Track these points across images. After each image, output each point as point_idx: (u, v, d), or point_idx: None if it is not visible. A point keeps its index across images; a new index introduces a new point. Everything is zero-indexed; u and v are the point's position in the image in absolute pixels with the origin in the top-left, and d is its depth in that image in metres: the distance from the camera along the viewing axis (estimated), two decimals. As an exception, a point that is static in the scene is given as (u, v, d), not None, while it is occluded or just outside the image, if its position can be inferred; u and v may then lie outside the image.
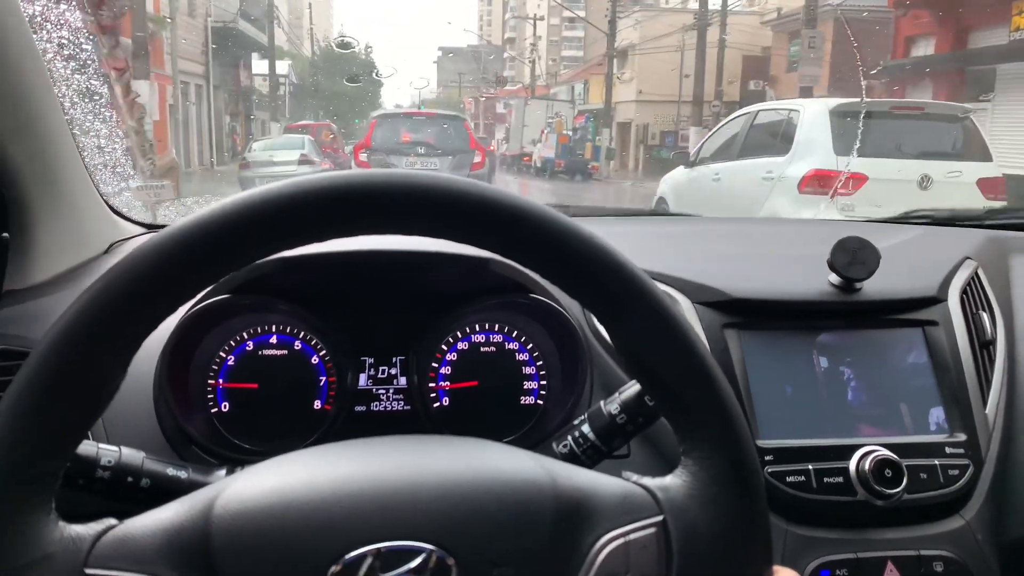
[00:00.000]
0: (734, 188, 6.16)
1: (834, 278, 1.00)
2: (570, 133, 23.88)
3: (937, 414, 0.97)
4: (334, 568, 0.48)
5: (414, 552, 0.49)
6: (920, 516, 0.91)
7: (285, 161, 12.29)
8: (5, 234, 0.93)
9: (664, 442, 0.93)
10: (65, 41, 1.03)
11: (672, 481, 0.55)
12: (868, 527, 0.90)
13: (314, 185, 0.50)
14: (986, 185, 5.46)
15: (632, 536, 0.51)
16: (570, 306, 1.00)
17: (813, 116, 5.70)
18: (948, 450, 0.93)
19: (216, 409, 0.97)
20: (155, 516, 0.51)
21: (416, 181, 0.51)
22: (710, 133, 7.72)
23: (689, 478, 0.54)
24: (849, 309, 1.01)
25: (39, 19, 0.98)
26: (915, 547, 0.89)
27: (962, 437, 0.95)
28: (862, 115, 5.24)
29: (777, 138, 6.03)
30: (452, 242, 0.54)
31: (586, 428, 0.75)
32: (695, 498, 0.53)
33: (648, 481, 0.55)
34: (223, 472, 0.76)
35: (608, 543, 0.51)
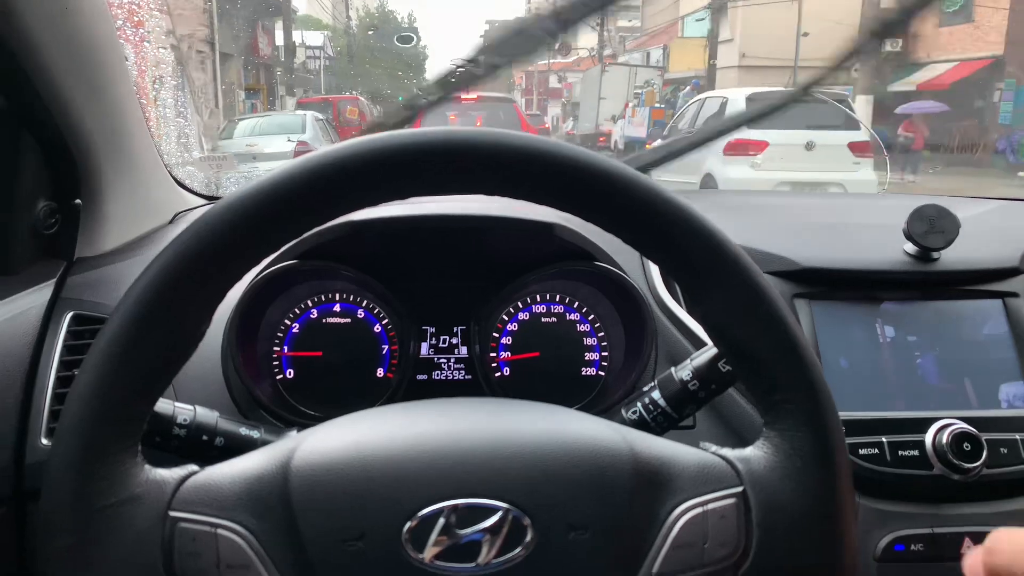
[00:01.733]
0: (691, 155, 8.28)
1: (910, 247, 0.97)
2: (662, 106, 18.82)
3: (1017, 387, 0.93)
4: (410, 523, 0.48)
5: (490, 510, 0.49)
6: (999, 492, 0.88)
7: (270, 154, 8.26)
8: (78, 201, 0.94)
9: (731, 415, 0.91)
10: (136, 6, 1.04)
11: (753, 453, 0.54)
12: (944, 502, 0.87)
13: (407, 141, 0.50)
14: (854, 146, 7.68)
15: (711, 506, 0.51)
16: (635, 276, 0.99)
17: (735, 101, 8.04)
18: None
19: (281, 376, 0.98)
20: (236, 464, 0.52)
21: (526, 144, 0.51)
22: (677, 112, 10.09)
23: (772, 450, 0.54)
24: (925, 279, 0.98)
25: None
26: (994, 523, 0.86)
27: None
28: (764, 99, 7.34)
29: (714, 117, 8.26)
30: (516, 205, 0.54)
31: (656, 395, 0.74)
32: (777, 471, 0.53)
33: (728, 452, 0.55)
34: (295, 432, 0.77)
35: (686, 512, 0.51)
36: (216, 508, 0.49)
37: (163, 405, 0.69)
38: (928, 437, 0.86)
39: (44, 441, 0.80)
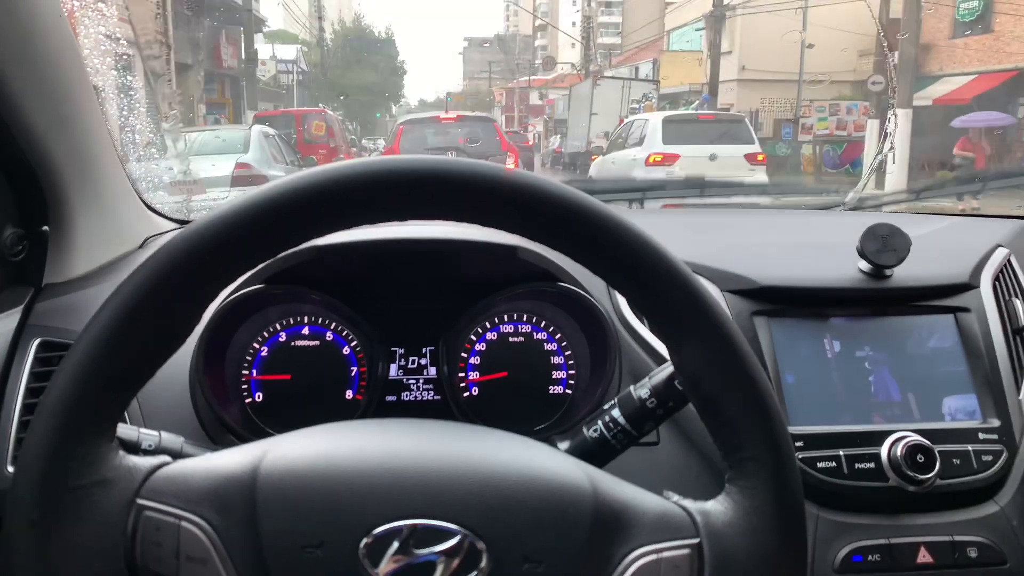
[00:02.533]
0: (620, 168, 10.83)
1: (864, 265, 1.00)
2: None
3: (969, 400, 0.96)
4: (367, 539, 0.49)
5: (448, 534, 0.49)
6: (953, 502, 0.90)
7: (206, 179, 5.19)
8: (45, 227, 0.95)
9: (695, 431, 0.93)
10: (102, 37, 1.05)
11: (713, 507, 0.55)
12: (900, 513, 0.89)
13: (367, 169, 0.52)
14: (749, 157, 10.13)
15: (665, 554, 0.51)
16: (598, 295, 1.01)
17: (654, 122, 10.89)
18: (981, 436, 0.92)
19: (250, 399, 0.98)
20: (208, 460, 0.53)
21: (503, 178, 0.52)
22: (615, 133, 12.93)
23: (732, 506, 0.55)
24: (879, 296, 1.00)
25: (77, 15, 0.99)
26: (948, 533, 0.89)
27: (996, 423, 0.94)
28: (680, 121, 11.16)
29: (638, 136, 11.10)
30: (480, 229, 0.55)
31: (616, 413, 0.75)
32: (734, 527, 0.53)
33: (689, 503, 0.55)
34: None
35: (640, 557, 0.51)
36: (183, 500, 0.50)
37: (127, 431, 0.70)
38: (883, 450, 0.89)
39: (10, 469, 0.80)
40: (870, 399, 0.95)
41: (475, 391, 1.03)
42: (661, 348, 0.96)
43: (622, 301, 1.04)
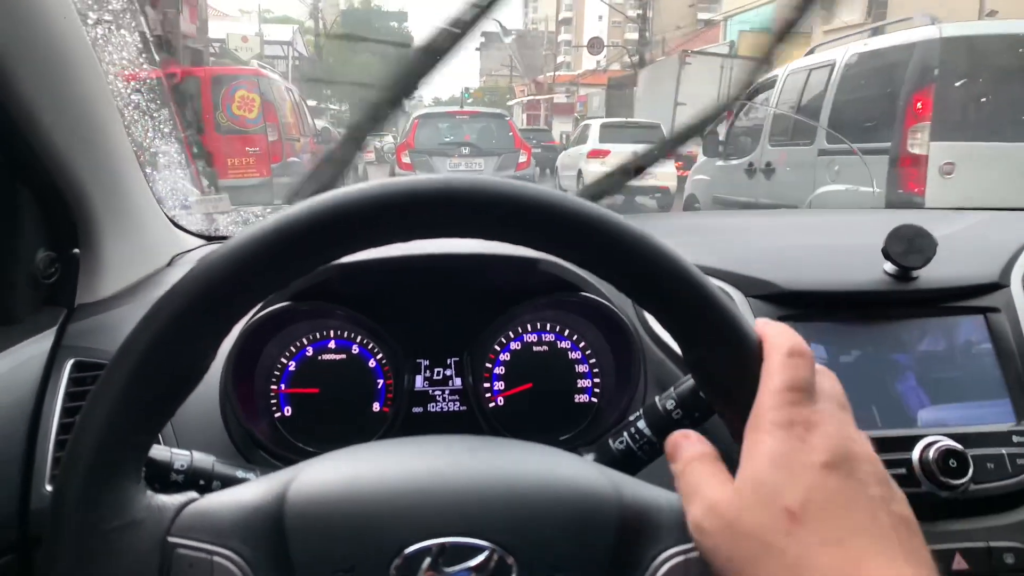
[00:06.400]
0: (573, 160, 13.30)
1: (889, 267, 0.99)
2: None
3: (1002, 403, 0.94)
4: (398, 560, 0.49)
5: (476, 550, 0.50)
6: (988, 507, 0.89)
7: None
8: (76, 250, 0.97)
9: (718, 439, 0.93)
10: (125, 61, 1.07)
11: None
12: (934, 519, 0.88)
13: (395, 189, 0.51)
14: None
15: (693, 554, 0.51)
16: (622, 304, 1.00)
17: (594, 126, 13.22)
18: (1015, 439, 0.91)
19: (279, 414, 1.00)
20: (234, 493, 0.54)
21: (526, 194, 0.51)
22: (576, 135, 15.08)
23: None
24: (906, 298, 0.99)
25: (100, 41, 1.01)
26: (984, 539, 0.87)
27: None
28: (611, 126, 13.03)
29: (584, 135, 13.50)
30: (503, 244, 0.55)
31: (642, 424, 0.75)
32: None
33: None
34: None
35: (669, 559, 0.52)
36: (213, 535, 0.51)
37: (160, 452, 0.71)
38: (915, 455, 0.88)
39: (48, 488, 0.82)
40: (899, 404, 0.94)
41: (501, 401, 1.03)
42: None
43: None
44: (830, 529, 0.44)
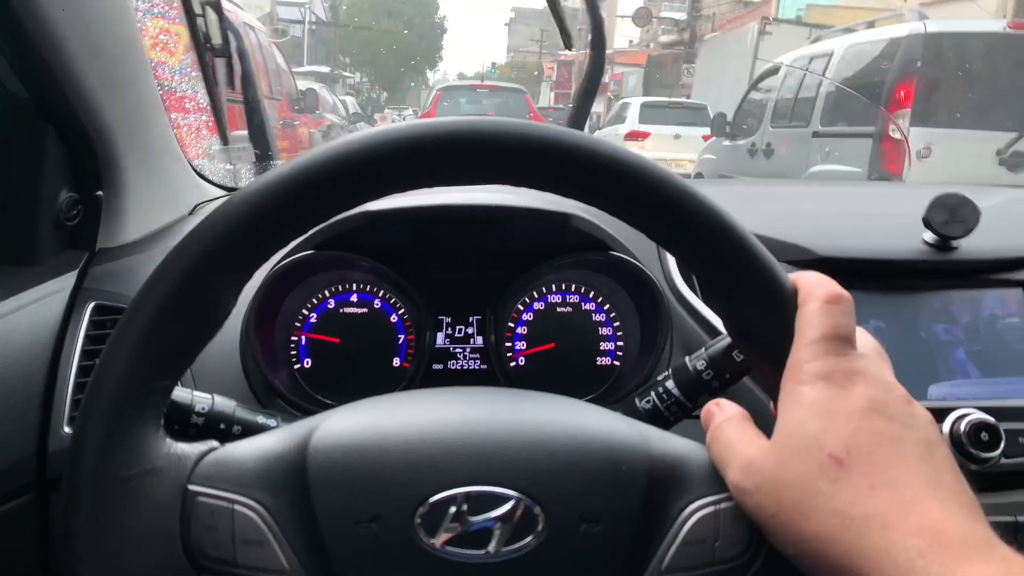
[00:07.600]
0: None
1: (929, 236, 0.96)
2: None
3: None
4: (422, 508, 0.49)
5: (502, 499, 0.49)
6: (1018, 481, 0.88)
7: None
8: (99, 192, 0.96)
9: (746, 406, 0.91)
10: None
11: None
12: None
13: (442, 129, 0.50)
14: (706, 137, 9.52)
15: (723, 505, 0.51)
16: (651, 265, 0.98)
17: (634, 106, 12.91)
18: None
19: (299, 365, 0.99)
20: (256, 442, 0.53)
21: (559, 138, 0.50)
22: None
23: None
24: (945, 269, 0.97)
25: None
26: (1012, 513, 0.86)
27: None
28: (652, 106, 12.76)
29: (621, 115, 13.31)
30: (533, 194, 0.53)
31: (670, 384, 0.73)
32: None
33: None
34: None
35: (698, 510, 0.51)
36: (234, 484, 0.50)
37: (181, 394, 0.70)
38: (946, 427, 0.86)
39: (67, 429, 0.81)
40: (932, 374, 0.92)
41: (522, 360, 1.02)
42: (714, 320, 0.94)
43: (675, 272, 1.02)
44: (880, 471, 0.43)
